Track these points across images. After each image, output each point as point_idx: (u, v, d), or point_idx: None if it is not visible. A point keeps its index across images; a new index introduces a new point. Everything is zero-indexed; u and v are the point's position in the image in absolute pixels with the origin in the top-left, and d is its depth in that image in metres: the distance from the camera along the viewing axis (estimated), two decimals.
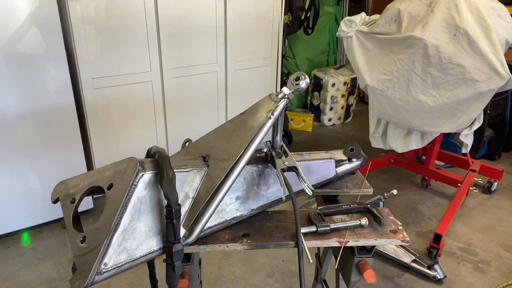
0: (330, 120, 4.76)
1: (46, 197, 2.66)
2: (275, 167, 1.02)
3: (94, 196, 0.85)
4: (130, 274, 2.25)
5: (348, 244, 0.99)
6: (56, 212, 2.76)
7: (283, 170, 1.01)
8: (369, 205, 1.09)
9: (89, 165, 2.89)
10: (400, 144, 2.86)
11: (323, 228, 0.99)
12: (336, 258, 1.13)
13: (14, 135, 2.46)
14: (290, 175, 1.02)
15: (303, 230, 0.98)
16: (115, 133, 2.92)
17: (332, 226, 1.00)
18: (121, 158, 0.95)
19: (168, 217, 0.83)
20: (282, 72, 3.96)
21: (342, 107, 4.74)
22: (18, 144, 2.49)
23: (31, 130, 2.50)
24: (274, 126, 0.99)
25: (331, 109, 4.70)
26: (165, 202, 0.84)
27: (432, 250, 2.51)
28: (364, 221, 1.02)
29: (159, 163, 0.84)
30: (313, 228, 0.99)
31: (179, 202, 0.90)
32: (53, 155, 2.63)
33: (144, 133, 3.08)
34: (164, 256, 0.89)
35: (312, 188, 1.00)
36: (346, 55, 3.81)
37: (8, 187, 2.54)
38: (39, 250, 2.56)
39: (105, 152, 2.90)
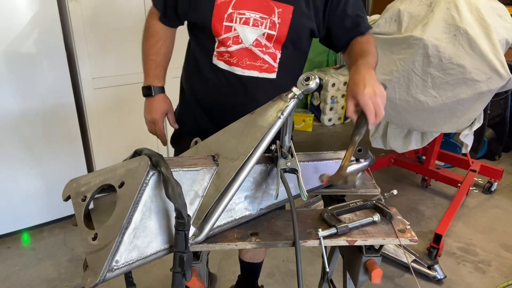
0: (330, 120, 4.77)
1: (46, 197, 2.66)
2: (276, 166, 1.03)
3: (96, 196, 0.86)
4: None
5: (356, 243, 0.99)
6: (56, 212, 2.76)
7: (284, 170, 1.02)
8: (375, 201, 1.10)
9: (89, 165, 2.88)
10: (400, 144, 2.88)
11: (343, 229, 0.99)
12: (343, 257, 1.13)
13: (14, 135, 2.45)
14: (291, 177, 1.03)
15: (324, 233, 0.98)
16: (115, 133, 2.91)
17: (350, 225, 1.00)
18: (121, 158, 0.95)
19: (178, 228, 0.82)
20: None
21: (342, 107, 4.75)
22: (18, 144, 2.48)
23: (31, 130, 2.50)
24: (283, 126, 0.99)
25: (331, 109, 4.70)
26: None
27: (432, 250, 2.52)
28: (377, 217, 1.02)
29: (164, 175, 0.82)
30: (333, 230, 0.99)
31: (189, 200, 0.90)
32: (53, 155, 2.62)
33: (144, 133, 3.07)
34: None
35: (307, 194, 1.01)
36: None
37: (8, 187, 2.53)
38: (39, 250, 2.56)
39: (105, 152, 2.89)
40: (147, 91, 1.61)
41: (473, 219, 2.94)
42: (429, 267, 2.34)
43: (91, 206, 0.91)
